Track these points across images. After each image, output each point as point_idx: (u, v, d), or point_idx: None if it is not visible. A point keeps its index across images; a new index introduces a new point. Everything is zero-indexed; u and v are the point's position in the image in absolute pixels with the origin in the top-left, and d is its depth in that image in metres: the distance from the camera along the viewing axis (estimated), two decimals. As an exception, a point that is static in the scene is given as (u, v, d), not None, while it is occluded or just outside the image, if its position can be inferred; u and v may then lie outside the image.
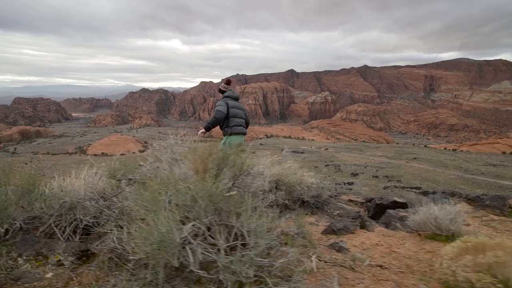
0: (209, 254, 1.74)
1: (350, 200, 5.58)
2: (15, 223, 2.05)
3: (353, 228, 3.62)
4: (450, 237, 3.11)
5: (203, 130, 4.41)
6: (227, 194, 2.23)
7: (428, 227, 3.22)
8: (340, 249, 2.83)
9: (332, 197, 5.60)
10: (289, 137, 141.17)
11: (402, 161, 70.12)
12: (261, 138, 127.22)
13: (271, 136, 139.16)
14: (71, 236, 2.37)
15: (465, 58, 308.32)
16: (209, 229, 1.87)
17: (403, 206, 4.62)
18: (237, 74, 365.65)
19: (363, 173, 56.91)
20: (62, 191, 2.62)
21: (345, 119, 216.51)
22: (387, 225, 3.96)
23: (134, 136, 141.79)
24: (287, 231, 3.03)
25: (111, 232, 2.11)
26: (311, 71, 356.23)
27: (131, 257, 1.59)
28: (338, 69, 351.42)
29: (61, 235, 2.33)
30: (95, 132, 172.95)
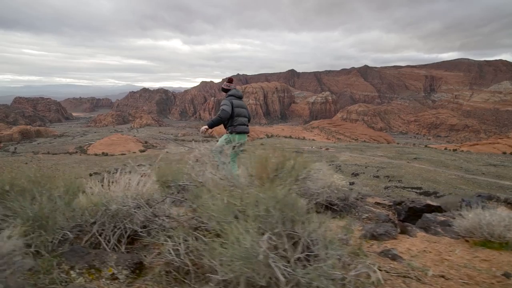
0: (286, 269, 1.59)
1: (377, 203, 5.43)
2: (66, 233, 1.90)
3: (394, 233, 3.47)
4: (504, 245, 2.96)
5: (206, 126, 4.49)
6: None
7: (478, 233, 3.07)
8: (394, 257, 2.68)
9: (358, 199, 5.45)
10: (290, 137, 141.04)
11: (402, 161, 70.09)
12: (261, 138, 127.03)
13: (272, 136, 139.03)
14: (117, 246, 2.21)
15: (465, 59, 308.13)
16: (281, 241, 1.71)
17: (437, 209, 4.47)
18: (238, 74, 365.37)
19: (363, 173, 56.88)
20: (95, 197, 2.46)
21: (345, 119, 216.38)
22: (426, 229, 3.80)
23: (135, 136, 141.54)
24: (333, 237, 2.88)
25: (165, 243, 1.95)
26: (312, 71, 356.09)
27: (216, 277, 1.43)
28: (338, 69, 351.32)
29: (107, 245, 2.18)
30: (95, 132, 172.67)
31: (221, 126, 4.78)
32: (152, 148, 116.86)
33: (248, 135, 4.91)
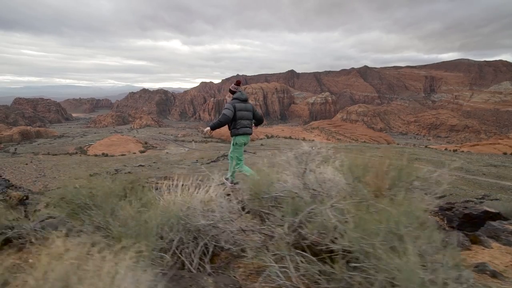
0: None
1: (422, 208, 5.18)
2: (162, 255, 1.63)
3: (468, 244, 3.21)
4: None
5: (209, 128, 4.86)
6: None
7: None
8: (494, 274, 2.41)
9: (401, 205, 5.20)
10: (290, 137, 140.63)
11: (402, 161, 69.69)
12: (261, 139, 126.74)
13: (272, 136, 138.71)
14: (200, 266, 1.94)
15: (465, 59, 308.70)
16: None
17: (497, 216, 4.20)
18: (237, 74, 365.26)
19: (365, 173, 56.63)
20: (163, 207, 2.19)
21: (345, 119, 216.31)
22: (495, 239, 3.54)
23: (135, 137, 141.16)
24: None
25: (271, 265, 1.68)
26: (311, 71, 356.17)
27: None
28: (338, 69, 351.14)
29: (190, 265, 1.90)
30: (95, 133, 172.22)
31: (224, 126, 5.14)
32: (152, 148, 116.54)
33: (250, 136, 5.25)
